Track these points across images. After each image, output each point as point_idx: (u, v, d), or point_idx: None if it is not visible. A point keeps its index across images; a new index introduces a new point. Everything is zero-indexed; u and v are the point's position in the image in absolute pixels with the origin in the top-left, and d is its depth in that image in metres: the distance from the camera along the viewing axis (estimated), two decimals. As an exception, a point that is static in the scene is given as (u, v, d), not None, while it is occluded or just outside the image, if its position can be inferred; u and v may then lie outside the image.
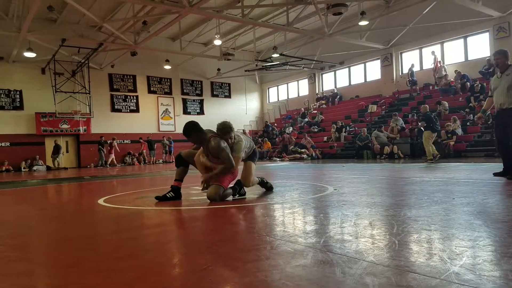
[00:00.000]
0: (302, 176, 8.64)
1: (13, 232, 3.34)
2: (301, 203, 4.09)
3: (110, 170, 16.30)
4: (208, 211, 3.99)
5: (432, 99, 17.35)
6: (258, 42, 22.98)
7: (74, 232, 3.20)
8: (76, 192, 7.43)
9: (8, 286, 1.87)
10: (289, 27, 17.19)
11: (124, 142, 22.60)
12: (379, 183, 6.10)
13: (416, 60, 19.55)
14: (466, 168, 8.46)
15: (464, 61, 17.83)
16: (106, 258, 2.29)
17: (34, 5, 13.01)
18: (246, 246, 2.46)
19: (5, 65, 19.53)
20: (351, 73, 23.30)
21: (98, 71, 21.80)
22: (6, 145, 19.66)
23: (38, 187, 8.67)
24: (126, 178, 10.40)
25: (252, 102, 28.80)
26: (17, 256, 2.44)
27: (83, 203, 5.49)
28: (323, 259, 1.98)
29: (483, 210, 3.22)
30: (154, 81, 24.43)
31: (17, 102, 20.03)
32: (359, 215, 3.21)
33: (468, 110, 15.04)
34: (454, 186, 5.11)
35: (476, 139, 13.75)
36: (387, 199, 4.23)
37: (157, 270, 1.98)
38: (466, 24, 16.77)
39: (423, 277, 1.66)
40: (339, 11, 13.93)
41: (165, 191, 4.80)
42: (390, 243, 2.25)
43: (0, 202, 5.94)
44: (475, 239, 2.25)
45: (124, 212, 4.12)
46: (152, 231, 3.08)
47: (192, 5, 13.51)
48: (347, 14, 16.80)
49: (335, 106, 23.29)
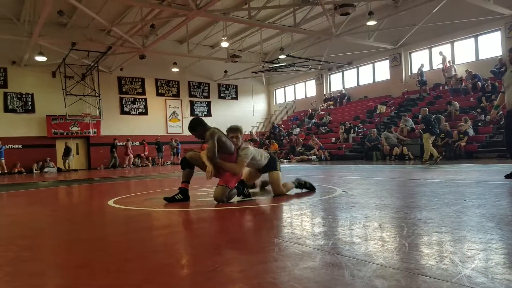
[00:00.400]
0: (310, 177, 8.60)
1: (25, 233, 3.37)
2: (309, 205, 4.07)
3: (124, 171, 16.40)
4: (215, 212, 3.99)
5: (442, 99, 17.20)
6: (265, 44, 22.99)
7: (85, 233, 3.22)
8: (87, 193, 7.49)
9: (20, 285, 1.88)
10: (296, 28, 17.16)
11: (133, 144, 22.75)
12: (389, 185, 6.05)
13: (425, 60, 19.39)
14: (478, 169, 8.37)
15: (475, 60, 17.63)
16: (116, 259, 2.30)
17: (45, 10, 13.16)
18: (254, 247, 2.45)
19: (17, 69, 19.79)
20: (360, 74, 23.18)
21: (107, 74, 21.99)
22: (18, 147, 19.90)
23: (49, 188, 8.75)
24: (135, 179, 10.46)
25: (259, 103, 28.80)
26: (29, 257, 2.46)
27: (94, 204, 5.53)
28: (332, 262, 1.97)
29: (495, 212, 3.17)
30: (162, 84, 24.58)
31: (28, 105, 20.28)
32: (368, 217, 3.19)
33: (479, 110, 14.87)
34: (465, 187, 5.05)
35: (488, 139, 13.57)
36: (397, 201, 4.19)
37: (166, 271, 1.98)
38: (476, 23, 16.54)
39: (434, 280, 1.63)
40: (347, 11, 13.84)
41: (173, 192, 4.82)
42: (400, 246, 2.22)
43: (13, 204, 6.00)
44: (487, 242, 2.21)
45: (133, 214, 4.14)
46: (160, 232, 3.09)
47: (199, 8, 13.57)
48: (355, 14, 16.72)
49: (343, 106, 23.18)
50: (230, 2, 17.33)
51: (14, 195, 7.43)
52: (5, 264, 2.28)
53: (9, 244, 2.85)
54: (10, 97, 19.80)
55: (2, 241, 3.00)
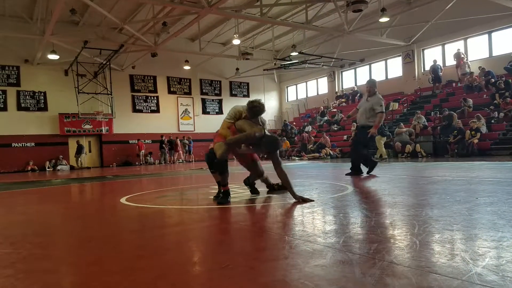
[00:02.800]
0: (321, 175, 8.59)
1: (38, 230, 3.43)
2: (320, 203, 4.07)
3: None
4: (227, 210, 4.01)
5: (456, 96, 17.00)
6: (277, 41, 22.93)
7: (97, 231, 3.27)
8: (99, 191, 7.58)
9: (33, 282, 1.92)
10: (308, 25, 17.09)
11: (145, 142, 22.93)
12: (400, 183, 6.02)
13: (439, 56, 19.16)
14: (490, 166, 8.26)
15: (488, 57, 17.40)
16: (128, 257, 2.33)
17: (57, 9, 13.33)
18: (265, 245, 2.46)
19: (30, 68, 20.07)
20: (372, 71, 23.01)
21: (119, 72, 22.17)
22: (31, 145, 20.19)
23: (62, 186, 8.88)
24: (147, 177, 10.55)
25: (270, 101, 28.77)
26: (42, 254, 2.50)
27: (106, 202, 5.60)
28: (343, 259, 1.97)
29: (507, 209, 3.14)
30: (174, 82, 24.70)
31: (41, 104, 20.56)
32: (379, 215, 3.18)
33: (492, 107, 14.67)
34: (477, 185, 5.00)
35: (501, 137, 13.39)
36: (408, 198, 4.17)
37: (177, 269, 2.00)
38: (490, 19, 16.31)
39: (445, 277, 1.63)
40: (359, 8, 13.73)
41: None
42: (411, 243, 2.22)
43: (26, 201, 6.10)
44: (498, 240, 2.20)
45: (146, 211, 4.19)
46: (172, 230, 3.12)
47: (211, 6, 13.59)
48: (367, 11, 16.58)
49: (355, 104, 23.00)
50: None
51: (27, 193, 7.55)
52: (18, 261, 2.32)
53: (22, 242, 2.90)
54: (23, 96, 20.10)
55: (15, 238, 3.05)
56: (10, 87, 19.76)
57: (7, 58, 19.51)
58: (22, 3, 17.04)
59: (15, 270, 2.14)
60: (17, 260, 2.35)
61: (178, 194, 5.61)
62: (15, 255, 2.48)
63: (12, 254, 2.50)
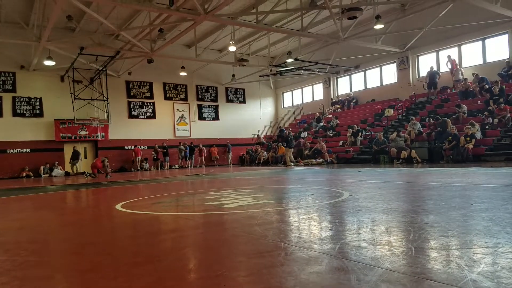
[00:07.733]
0: (317, 181, 8.60)
1: (33, 237, 3.41)
2: (316, 209, 4.07)
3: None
4: (222, 216, 4.01)
5: (450, 103, 17.10)
6: (273, 48, 23.01)
7: (93, 237, 3.26)
8: (95, 197, 7.54)
9: (28, 290, 1.91)
10: (304, 32, 17.17)
11: (141, 148, 22.88)
12: (396, 189, 6.03)
13: (433, 63, 19.30)
14: (485, 172, 8.30)
15: (482, 63, 17.53)
16: (124, 263, 2.33)
17: (54, 15, 13.32)
18: (261, 252, 2.46)
19: (25, 74, 20.01)
20: (367, 77, 23.13)
21: (115, 78, 22.16)
22: (26, 151, 20.08)
23: (58, 192, 8.82)
24: (143, 183, 10.51)
25: (266, 107, 28.84)
26: (37, 261, 2.49)
27: (102, 208, 5.58)
28: (338, 266, 1.98)
29: (502, 215, 3.16)
30: (170, 88, 24.70)
31: (37, 110, 20.47)
32: (375, 221, 3.19)
33: (487, 114, 14.77)
34: (472, 191, 5.02)
35: (496, 143, 13.47)
36: (404, 204, 4.18)
37: (173, 275, 2.00)
38: (484, 26, 16.48)
39: (440, 284, 1.64)
40: (354, 15, 13.82)
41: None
42: (406, 250, 2.23)
43: (21, 208, 6.07)
44: (494, 246, 2.21)
45: (141, 218, 4.17)
46: (168, 237, 3.12)
47: (207, 13, 13.64)
48: (362, 18, 16.69)
49: (350, 110, 23.13)
50: (238, 6, 17.40)
51: (22, 199, 7.50)
52: (13, 269, 2.31)
53: (17, 249, 2.89)
54: (18, 101, 20.01)
55: (10, 245, 3.04)
56: (5, 93, 19.67)
57: (3, 64, 19.44)
58: (18, 9, 17.02)
59: (10, 277, 2.13)
60: (12, 268, 2.34)
61: (173, 201, 5.60)
62: (10, 263, 2.47)
63: (7, 262, 2.49)
